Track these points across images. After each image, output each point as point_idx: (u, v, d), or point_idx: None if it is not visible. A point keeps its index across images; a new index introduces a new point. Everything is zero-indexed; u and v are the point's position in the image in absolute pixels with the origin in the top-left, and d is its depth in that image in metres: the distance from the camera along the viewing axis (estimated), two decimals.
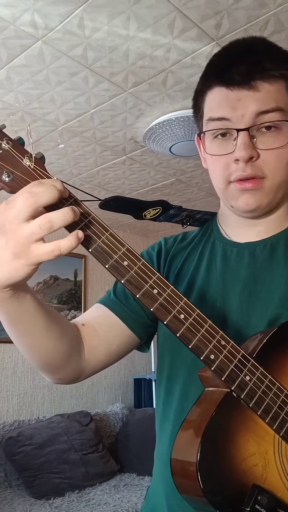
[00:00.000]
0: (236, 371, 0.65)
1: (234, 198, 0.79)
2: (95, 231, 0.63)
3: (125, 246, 0.64)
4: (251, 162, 0.75)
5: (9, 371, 3.31)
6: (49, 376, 0.82)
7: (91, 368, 0.84)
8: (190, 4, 1.63)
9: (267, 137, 0.75)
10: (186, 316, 0.64)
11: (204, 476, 0.59)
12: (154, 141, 2.53)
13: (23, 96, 2.15)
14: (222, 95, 0.76)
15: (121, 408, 3.70)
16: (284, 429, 0.66)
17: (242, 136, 0.74)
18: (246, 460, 0.63)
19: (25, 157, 0.63)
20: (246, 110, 0.74)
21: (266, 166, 0.76)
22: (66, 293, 3.74)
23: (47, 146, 2.64)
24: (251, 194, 0.77)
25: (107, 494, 2.81)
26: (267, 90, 0.74)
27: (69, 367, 0.81)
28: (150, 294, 0.63)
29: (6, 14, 1.64)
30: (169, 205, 1.12)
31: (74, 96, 2.16)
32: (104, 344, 0.85)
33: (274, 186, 0.77)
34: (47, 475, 2.82)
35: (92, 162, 2.87)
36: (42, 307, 0.72)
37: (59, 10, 1.63)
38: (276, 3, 1.64)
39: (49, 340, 0.74)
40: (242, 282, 0.81)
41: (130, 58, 1.91)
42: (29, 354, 0.77)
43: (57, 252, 0.59)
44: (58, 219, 0.58)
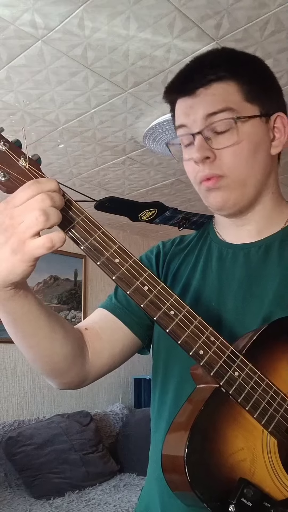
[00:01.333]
0: (225, 367, 0.66)
1: (205, 198, 0.83)
2: (88, 229, 0.65)
3: (116, 244, 0.66)
4: (209, 162, 0.78)
5: (9, 371, 3.31)
6: (55, 381, 0.82)
7: (96, 372, 0.85)
8: (190, 4, 1.63)
9: (221, 137, 0.78)
10: (176, 312, 0.66)
11: (191, 469, 0.60)
12: (154, 141, 2.53)
13: (23, 96, 2.15)
14: (180, 105, 0.83)
15: (121, 408, 3.70)
16: (272, 424, 0.66)
17: (197, 139, 0.79)
18: (234, 454, 0.63)
19: (21, 158, 0.65)
20: (196, 115, 0.79)
21: (224, 164, 0.79)
22: (66, 293, 3.74)
23: (47, 146, 2.64)
24: (215, 192, 0.80)
25: (107, 494, 2.81)
26: (212, 93, 0.78)
27: (74, 371, 0.81)
28: (140, 291, 0.65)
29: (6, 14, 1.64)
30: (164, 206, 1.12)
31: (74, 96, 2.16)
32: (107, 348, 0.86)
33: (237, 183, 0.80)
34: (47, 475, 2.82)
35: (92, 162, 2.87)
36: (44, 308, 0.73)
37: (59, 10, 1.63)
38: (276, 3, 1.64)
39: (52, 341, 0.75)
40: (237, 282, 0.82)
41: (130, 58, 1.91)
42: (33, 357, 0.77)
43: (49, 244, 0.60)
44: (53, 215, 0.61)
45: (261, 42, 1.82)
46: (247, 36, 1.79)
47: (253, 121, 0.79)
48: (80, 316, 3.82)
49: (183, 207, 3.64)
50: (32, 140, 2.56)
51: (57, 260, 3.65)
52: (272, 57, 1.91)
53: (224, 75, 0.79)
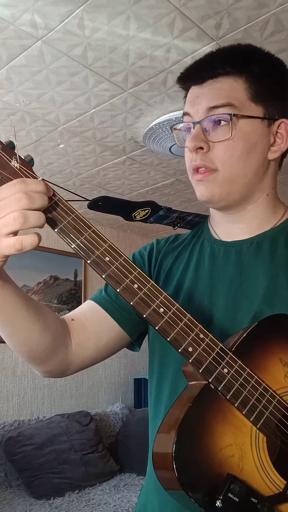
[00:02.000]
0: (214, 364, 0.66)
1: (195, 188, 0.84)
2: (78, 228, 0.67)
3: (107, 243, 0.67)
4: (202, 152, 0.79)
5: (9, 371, 3.31)
6: (36, 368, 0.84)
7: (79, 362, 0.86)
8: (190, 4, 1.63)
9: (218, 130, 0.79)
10: (165, 310, 0.67)
11: (179, 465, 0.60)
12: (154, 141, 2.52)
13: (23, 96, 2.15)
14: (190, 93, 0.85)
15: (121, 408, 3.70)
16: (261, 421, 0.66)
17: (195, 128, 0.80)
18: (223, 450, 0.63)
19: (13, 159, 0.66)
20: (200, 105, 0.81)
21: (217, 158, 0.79)
22: (66, 293, 3.74)
23: (47, 146, 2.64)
24: (203, 184, 0.81)
25: (107, 494, 2.81)
26: (218, 87, 0.80)
27: (55, 360, 0.82)
28: (130, 289, 0.66)
29: (6, 14, 1.64)
30: (158, 205, 1.13)
31: (74, 96, 2.16)
32: (92, 339, 0.86)
33: (227, 179, 0.80)
34: (47, 475, 2.82)
35: (92, 162, 2.87)
36: (23, 299, 0.74)
37: (59, 10, 1.63)
38: (276, 3, 1.64)
39: (30, 332, 0.76)
40: (229, 280, 0.83)
41: (130, 58, 1.91)
42: (12, 345, 0.79)
43: (18, 246, 0.62)
44: (33, 218, 0.62)
45: (261, 42, 1.82)
46: (247, 36, 1.79)
47: (253, 121, 0.79)
48: None
49: (183, 207, 3.64)
50: (32, 140, 2.56)
51: (57, 260, 3.65)
52: None
53: (232, 71, 0.80)
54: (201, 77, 0.81)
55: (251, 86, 0.79)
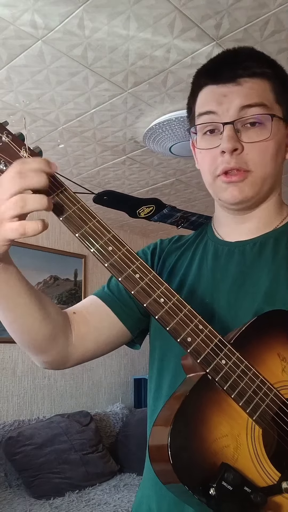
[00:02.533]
0: (212, 355, 0.67)
1: (221, 191, 0.83)
2: (83, 217, 0.68)
3: (110, 233, 0.69)
4: (236, 154, 0.79)
5: (9, 371, 3.31)
6: (35, 358, 0.85)
7: (79, 355, 0.87)
8: (190, 4, 1.63)
9: (251, 131, 0.79)
10: (165, 300, 0.68)
11: (174, 454, 0.60)
12: (154, 141, 2.53)
13: (23, 96, 2.15)
14: (210, 92, 0.82)
15: (121, 408, 3.70)
16: (257, 413, 0.67)
17: (227, 129, 0.79)
18: (218, 440, 0.64)
19: (22, 149, 0.68)
20: (231, 104, 0.79)
21: (251, 159, 0.79)
22: (66, 293, 3.74)
23: (47, 146, 2.64)
24: (237, 186, 0.81)
25: (107, 494, 2.81)
26: (250, 86, 0.80)
27: (55, 350, 0.83)
28: (132, 278, 0.68)
29: (6, 14, 1.64)
30: (163, 203, 1.13)
31: (74, 96, 2.16)
32: (93, 333, 0.87)
33: (259, 179, 0.81)
34: (47, 475, 2.82)
35: (92, 162, 2.87)
36: (25, 284, 0.75)
37: (59, 10, 1.63)
38: (276, 3, 1.64)
39: (32, 319, 0.77)
40: (231, 279, 0.83)
41: (130, 58, 1.91)
42: (14, 332, 0.79)
43: (21, 230, 0.63)
44: (32, 201, 0.63)
45: (261, 42, 1.82)
46: (247, 36, 1.79)
47: (280, 122, 0.82)
48: None
49: (183, 207, 3.64)
50: (32, 140, 2.56)
51: (57, 260, 3.65)
52: (272, 57, 1.91)
53: (267, 71, 0.81)
54: (234, 75, 0.80)
55: (276, 88, 0.81)
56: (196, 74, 0.87)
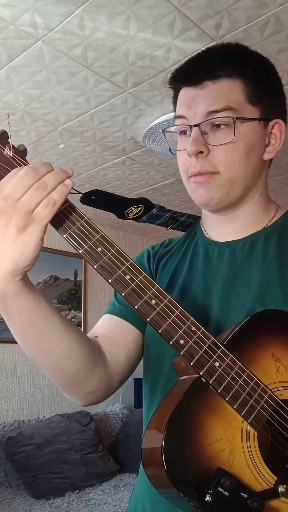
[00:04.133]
0: (205, 357, 0.66)
1: (192, 192, 0.83)
2: (71, 218, 0.66)
3: (99, 233, 0.67)
4: (203, 157, 0.79)
5: (9, 371, 3.31)
6: (79, 391, 0.78)
7: (119, 376, 0.83)
8: (190, 4, 1.63)
9: (218, 133, 0.79)
10: (157, 301, 0.66)
11: (168, 459, 0.59)
12: (154, 141, 2.53)
13: (23, 96, 2.15)
14: (184, 94, 0.82)
15: (121, 408, 3.70)
16: (252, 415, 0.66)
17: (194, 131, 0.78)
18: (213, 444, 0.63)
19: (6, 147, 0.66)
20: (198, 108, 0.79)
21: (218, 161, 0.79)
22: (66, 293, 3.74)
23: (47, 146, 2.64)
24: (202, 187, 0.81)
25: (107, 494, 2.81)
26: (217, 90, 0.78)
27: (97, 376, 0.78)
28: (122, 280, 0.66)
29: (6, 14, 1.64)
30: (151, 203, 1.12)
31: (74, 96, 2.16)
32: (124, 350, 0.85)
33: (227, 181, 0.80)
34: (47, 475, 2.82)
35: (92, 162, 2.87)
36: (55, 310, 0.71)
37: (59, 10, 1.63)
38: (276, 3, 1.64)
39: (70, 340, 0.72)
40: (223, 279, 0.82)
41: (130, 58, 1.91)
42: (54, 364, 0.73)
43: (52, 201, 0.61)
44: (51, 178, 0.61)
45: (261, 42, 1.82)
46: (247, 36, 1.79)
47: (252, 123, 0.80)
48: (80, 316, 3.82)
49: (183, 207, 3.64)
50: (32, 140, 2.56)
51: (57, 260, 3.65)
52: (272, 57, 1.91)
53: (232, 72, 0.79)
54: (199, 79, 0.79)
55: (247, 87, 0.79)
56: (172, 75, 0.86)
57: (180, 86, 0.83)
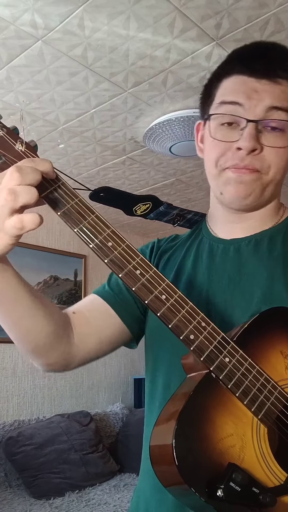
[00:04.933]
0: (215, 352, 0.66)
1: (226, 184, 0.81)
2: (81, 212, 0.67)
3: (110, 228, 0.67)
4: (254, 154, 0.77)
5: (9, 371, 3.31)
6: (38, 361, 0.83)
7: (81, 356, 0.85)
8: (190, 4, 1.63)
9: (271, 135, 0.78)
10: (167, 297, 0.66)
11: (179, 455, 0.59)
12: (154, 141, 2.53)
13: (23, 96, 2.15)
14: (240, 82, 0.79)
15: (121, 408, 3.70)
16: (262, 411, 0.66)
17: (250, 127, 0.76)
18: (223, 440, 0.63)
19: (17, 142, 0.67)
20: (260, 101, 0.77)
21: (265, 162, 0.78)
22: (66, 293, 3.74)
23: (47, 146, 2.64)
24: (243, 182, 0.79)
25: (107, 494, 2.81)
26: (283, 89, 0.77)
27: (58, 351, 0.81)
28: (132, 274, 0.66)
29: (6, 14, 1.64)
30: (159, 201, 1.13)
31: (74, 96, 2.16)
32: (95, 333, 0.86)
33: (267, 183, 0.80)
34: (47, 475, 2.82)
35: (92, 162, 2.87)
36: (25, 284, 0.74)
37: (59, 10, 1.63)
38: (276, 3, 1.64)
39: (34, 318, 0.75)
40: (227, 277, 0.82)
41: (130, 58, 1.91)
42: (16, 335, 0.77)
43: (19, 225, 0.62)
44: (23, 193, 0.61)
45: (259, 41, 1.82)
46: (247, 36, 1.79)
47: None
48: None
49: (184, 207, 3.64)
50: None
51: (57, 260, 3.65)
52: None
53: None
54: (272, 73, 0.77)
55: None
56: (227, 59, 0.83)
57: (235, 72, 0.80)
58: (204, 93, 0.87)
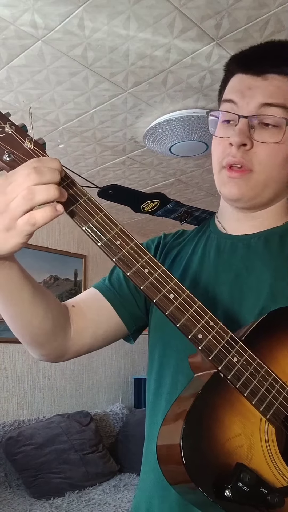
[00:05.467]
0: (223, 352, 0.66)
1: (222, 184, 0.82)
2: (90, 210, 0.67)
3: (118, 227, 0.67)
4: (243, 149, 0.78)
5: (9, 371, 3.31)
6: (33, 351, 0.84)
7: (76, 349, 0.86)
8: (190, 4, 1.63)
9: (265, 131, 0.78)
10: (175, 295, 0.66)
11: (187, 455, 0.59)
12: (154, 141, 2.53)
13: (23, 96, 2.15)
14: (237, 81, 0.81)
15: (121, 408, 3.70)
16: (271, 411, 0.66)
17: (241, 123, 0.77)
18: (231, 440, 0.62)
19: (26, 140, 0.67)
20: (252, 98, 0.78)
21: (257, 159, 0.78)
22: (66, 293, 3.73)
23: (47, 146, 2.62)
24: (236, 183, 0.79)
25: (107, 494, 2.81)
26: (277, 85, 0.78)
27: (54, 344, 0.82)
28: (141, 273, 0.66)
29: (6, 14, 1.64)
30: (167, 198, 1.12)
31: (74, 96, 2.16)
32: (91, 327, 0.86)
33: (261, 182, 0.79)
34: (47, 475, 2.82)
35: (92, 162, 2.87)
36: (29, 281, 0.75)
37: (59, 10, 1.63)
38: (276, 3, 1.64)
39: (33, 314, 0.76)
40: (235, 273, 0.82)
41: (130, 58, 1.91)
42: (14, 327, 0.78)
43: (32, 221, 0.61)
44: (41, 192, 0.61)
45: (261, 42, 1.82)
46: (247, 36, 1.79)
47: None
48: None
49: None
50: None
51: (57, 260, 3.65)
52: None
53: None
54: (262, 69, 0.78)
55: None
56: (231, 59, 0.85)
57: (236, 71, 0.82)
58: (219, 92, 0.89)
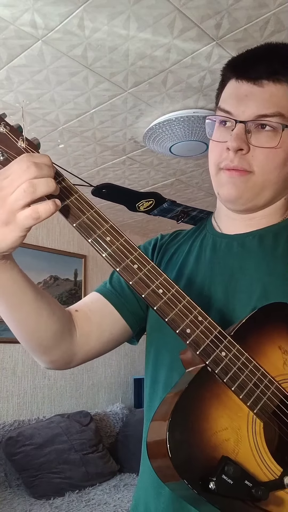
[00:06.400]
0: (211, 346, 0.66)
1: (220, 185, 0.83)
2: (80, 207, 0.68)
3: (108, 223, 0.68)
4: (241, 154, 0.78)
5: (9, 371, 3.31)
6: (41, 358, 0.83)
7: (83, 354, 0.86)
8: (190, 4, 1.63)
9: (262, 135, 0.78)
10: (164, 291, 0.67)
11: (173, 449, 0.59)
12: (154, 141, 2.53)
13: (23, 96, 2.15)
14: (234, 88, 0.81)
15: (121, 408, 3.70)
16: (258, 406, 0.66)
17: (238, 128, 0.78)
18: (218, 433, 0.63)
19: (19, 140, 0.68)
20: (247, 108, 0.78)
21: (254, 162, 0.79)
22: (66, 293, 3.74)
23: (47, 146, 2.64)
24: (235, 184, 0.80)
25: (107, 494, 2.81)
26: (271, 92, 0.78)
27: (61, 349, 0.82)
28: (130, 268, 0.67)
29: (6, 14, 1.64)
30: (162, 198, 1.13)
31: (74, 96, 2.16)
32: (96, 331, 0.86)
33: (259, 184, 0.80)
34: (47, 475, 2.82)
35: (92, 162, 2.87)
36: (30, 283, 0.75)
37: (59, 10, 1.63)
38: (276, 3, 1.64)
39: (39, 316, 0.76)
40: (229, 272, 0.83)
41: (130, 58, 1.91)
42: (21, 333, 0.78)
43: (35, 215, 0.62)
44: (41, 185, 0.62)
45: (261, 42, 1.82)
46: (247, 36, 1.79)
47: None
48: None
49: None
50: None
51: (57, 260, 3.65)
52: None
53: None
54: (257, 76, 0.78)
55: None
56: (227, 64, 0.85)
57: (232, 76, 0.82)
58: (216, 97, 0.89)
